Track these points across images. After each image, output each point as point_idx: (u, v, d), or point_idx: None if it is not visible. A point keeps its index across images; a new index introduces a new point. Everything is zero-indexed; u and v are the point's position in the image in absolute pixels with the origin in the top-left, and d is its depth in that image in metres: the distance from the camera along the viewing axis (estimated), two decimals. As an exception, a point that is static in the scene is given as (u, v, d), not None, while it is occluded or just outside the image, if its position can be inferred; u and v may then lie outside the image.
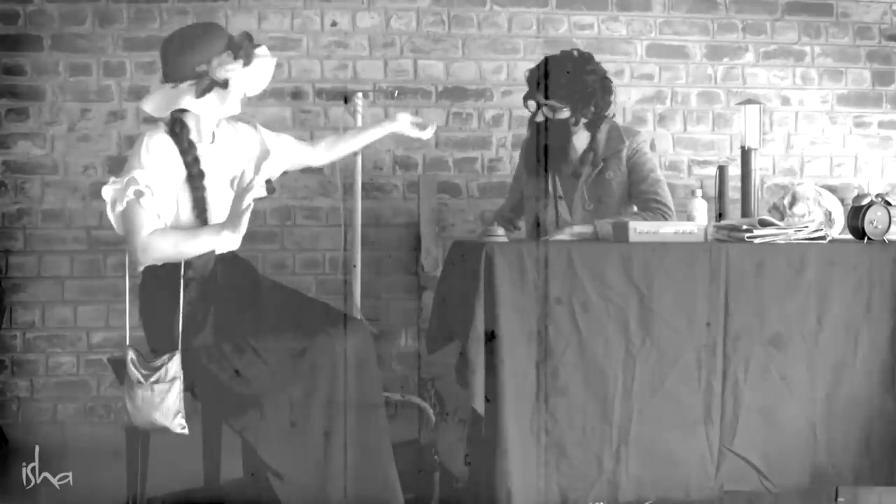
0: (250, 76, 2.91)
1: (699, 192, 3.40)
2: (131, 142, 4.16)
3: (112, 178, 2.84)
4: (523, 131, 4.34)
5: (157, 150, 2.85)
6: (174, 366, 2.78)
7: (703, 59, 4.42)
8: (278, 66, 4.19)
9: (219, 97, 2.86)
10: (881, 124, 4.54)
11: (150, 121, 4.16)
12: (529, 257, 2.90)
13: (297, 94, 4.23)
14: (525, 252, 2.91)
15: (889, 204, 3.16)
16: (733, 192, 3.48)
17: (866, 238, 3.14)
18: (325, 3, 4.24)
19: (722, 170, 3.44)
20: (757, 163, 3.39)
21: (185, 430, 2.81)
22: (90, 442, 3.97)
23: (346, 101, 3.59)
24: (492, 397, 2.86)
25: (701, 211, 3.50)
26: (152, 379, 2.77)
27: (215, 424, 3.29)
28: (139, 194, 2.79)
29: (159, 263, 2.85)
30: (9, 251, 4.14)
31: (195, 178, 2.87)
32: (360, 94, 3.60)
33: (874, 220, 3.14)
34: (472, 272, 2.90)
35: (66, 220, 4.16)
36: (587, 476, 2.94)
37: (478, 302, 2.87)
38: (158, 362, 2.78)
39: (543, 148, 3.50)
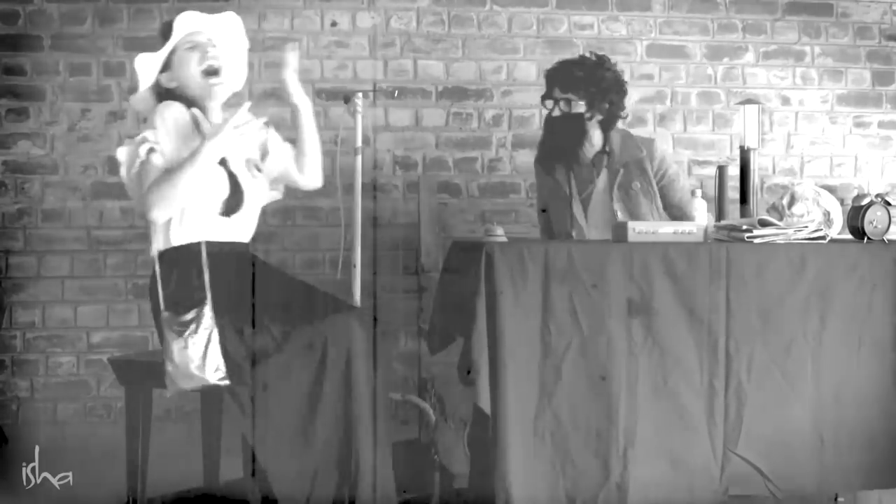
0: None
1: (699, 192, 3.40)
2: (131, 142, 4.17)
3: (126, 139, 2.87)
4: (523, 131, 4.35)
5: (170, 113, 2.88)
6: (206, 316, 2.78)
7: (703, 59, 4.42)
8: (278, 66, 4.20)
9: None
10: (881, 124, 4.54)
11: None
12: (530, 257, 2.90)
13: (297, 94, 4.23)
14: (526, 252, 2.91)
15: (889, 204, 3.16)
16: (733, 192, 3.47)
17: (866, 238, 3.13)
18: (325, 3, 4.24)
19: (722, 170, 3.44)
20: (756, 163, 3.39)
21: (227, 381, 2.79)
22: (90, 442, 3.97)
23: (346, 101, 3.58)
24: (493, 397, 2.86)
25: (701, 211, 3.50)
26: (186, 333, 2.76)
27: (215, 424, 3.30)
28: (150, 151, 2.81)
29: (172, 241, 2.88)
30: (9, 251, 4.14)
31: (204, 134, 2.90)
32: (360, 94, 3.59)
33: (874, 220, 3.14)
34: (473, 272, 2.90)
35: (66, 220, 4.16)
36: (595, 480, 2.92)
37: (479, 302, 2.87)
38: (189, 315, 2.78)
39: (558, 142, 3.57)
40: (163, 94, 2.98)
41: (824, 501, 3.39)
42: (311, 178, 3.23)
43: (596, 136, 3.59)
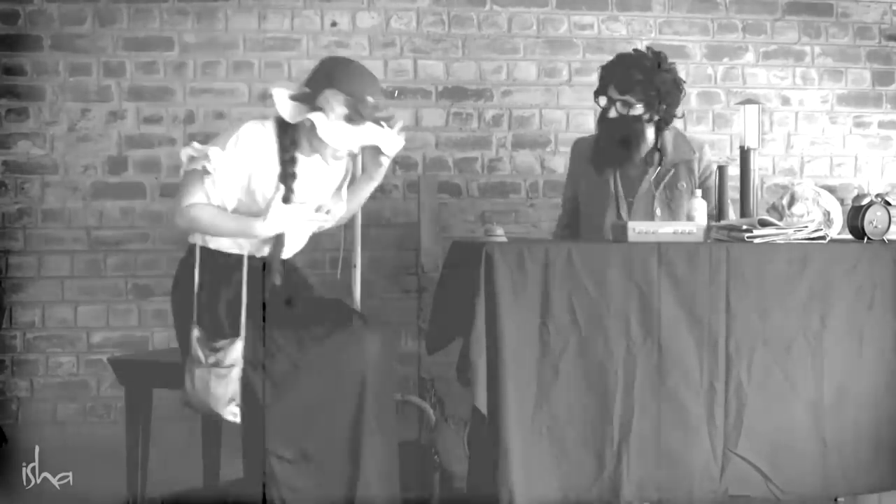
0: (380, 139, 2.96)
1: (699, 192, 3.40)
2: (132, 142, 4.16)
3: (195, 143, 2.84)
4: (523, 131, 4.34)
5: (248, 139, 2.84)
6: (235, 352, 2.75)
7: (703, 59, 4.42)
8: (278, 66, 4.22)
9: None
10: (881, 124, 4.54)
11: (151, 121, 4.18)
12: (530, 257, 2.90)
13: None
14: (525, 252, 2.91)
15: (889, 204, 3.16)
16: (733, 192, 3.48)
17: (866, 238, 3.14)
18: (325, 3, 4.24)
19: (722, 170, 3.44)
20: (756, 163, 3.39)
21: (237, 419, 2.77)
22: (90, 442, 3.96)
23: (346, 101, 3.57)
24: (492, 397, 2.86)
25: (701, 211, 3.49)
26: (211, 361, 2.74)
27: (215, 424, 3.30)
28: (205, 171, 2.78)
29: (210, 243, 2.86)
30: (9, 251, 4.13)
31: (289, 178, 2.86)
32: (360, 94, 3.58)
33: (874, 220, 3.14)
34: (473, 272, 2.90)
35: (66, 220, 4.15)
36: (588, 475, 2.93)
37: (478, 302, 2.87)
38: (219, 344, 2.76)
39: (615, 144, 3.50)
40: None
41: (824, 500, 3.39)
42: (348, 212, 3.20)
43: (649, 136, 3.56)
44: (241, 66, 4.22)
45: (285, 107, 2.87)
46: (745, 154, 3.38)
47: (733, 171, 3.50)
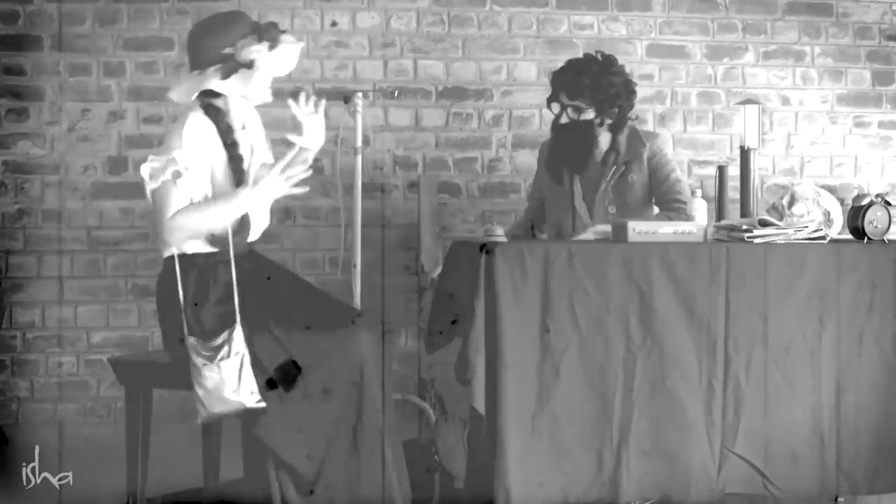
0: (275, 59, 2.93)
1: (699, 192, 3.40)
2: (132, 142, 4.17)
3: (151, 156, 2.82)
4: (523, 131, 4.35)
5: (198, 130, 2.84)
6: (237, 339, 2.72)
7: (703, 59, 4.42)
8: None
9: (243, 79, 2.87)
10: (881, 124, 4.54)
11: (151, 121, 4.18)
12: (529, 257, 2.90)
13: (297, 95, 4.22)
14: (525, 252, 2.91)
15: (889, 204, 3.15)
16: (733, 192, 3.48)
17: (866, 238, 3.13)
18: (325, 3, 4.24)
19: (722, 170, 3.44)
20: (756, 163, 3.39)
21: (263, 403, 2.75)
22: (90, 442, 3.97)
23: (346, 101, 3.59)
24: (491, 397, 2.86)
25: (701, 211, 3.50)
26: (218, 357, 2.72)
27: (215, 424, 3.29)
28: (176, 175, 2.77)
29: (185, 248, 2.84)
30: (9, 251, 4.14)
31: (235, 160, 2.88)
32: (360, 94, 3.60)
33: (874, 220, 3.14)
34: (472, 272, 2.90)
35: (66, 220, 4.16)
36: (588, 476, 2.93)
37: (478, 302, 2.87)
38: (219, 340, 2.73)
39: (567, 149, 3.51)
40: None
41: (824, 500, 3.39)
42: None
43: (604, 140, 3.56)
44: (241, 66, 4.21)
45: (179, 91, 2.88)
46: (745, 154, 3.38)
47: (733, 171, 3.50)
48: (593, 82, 3.44)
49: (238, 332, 2.73)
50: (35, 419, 4.12)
